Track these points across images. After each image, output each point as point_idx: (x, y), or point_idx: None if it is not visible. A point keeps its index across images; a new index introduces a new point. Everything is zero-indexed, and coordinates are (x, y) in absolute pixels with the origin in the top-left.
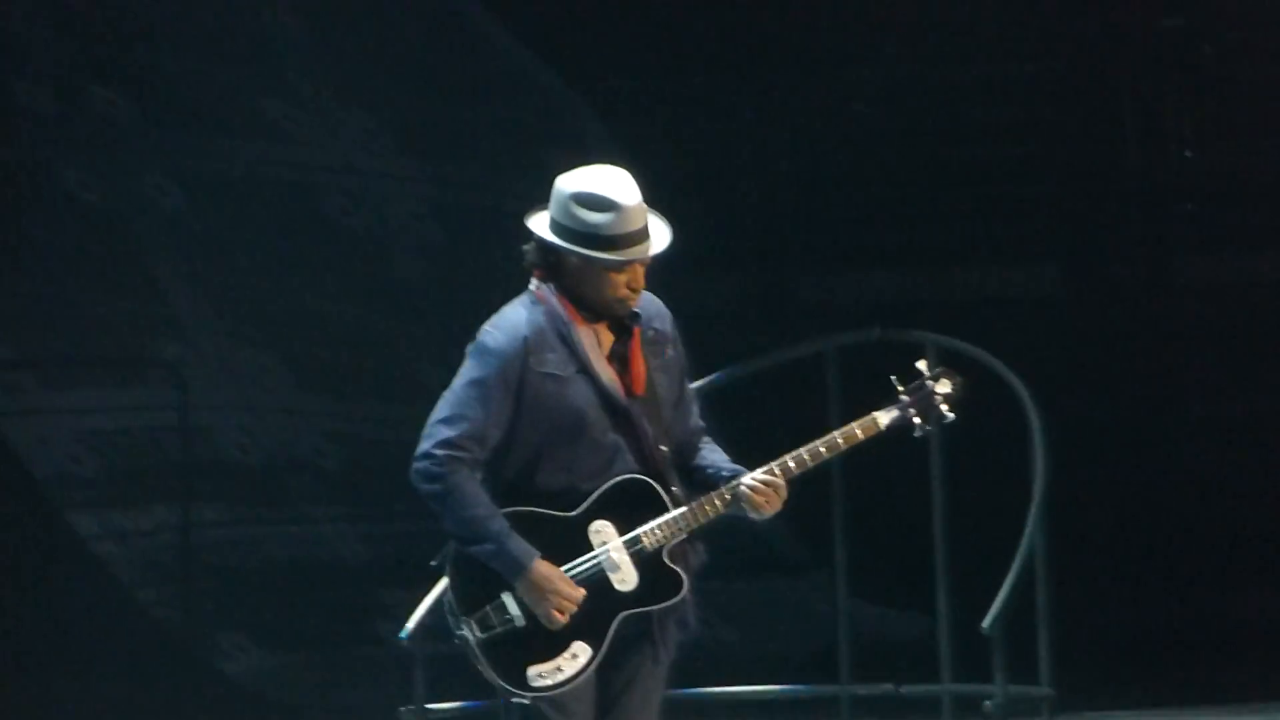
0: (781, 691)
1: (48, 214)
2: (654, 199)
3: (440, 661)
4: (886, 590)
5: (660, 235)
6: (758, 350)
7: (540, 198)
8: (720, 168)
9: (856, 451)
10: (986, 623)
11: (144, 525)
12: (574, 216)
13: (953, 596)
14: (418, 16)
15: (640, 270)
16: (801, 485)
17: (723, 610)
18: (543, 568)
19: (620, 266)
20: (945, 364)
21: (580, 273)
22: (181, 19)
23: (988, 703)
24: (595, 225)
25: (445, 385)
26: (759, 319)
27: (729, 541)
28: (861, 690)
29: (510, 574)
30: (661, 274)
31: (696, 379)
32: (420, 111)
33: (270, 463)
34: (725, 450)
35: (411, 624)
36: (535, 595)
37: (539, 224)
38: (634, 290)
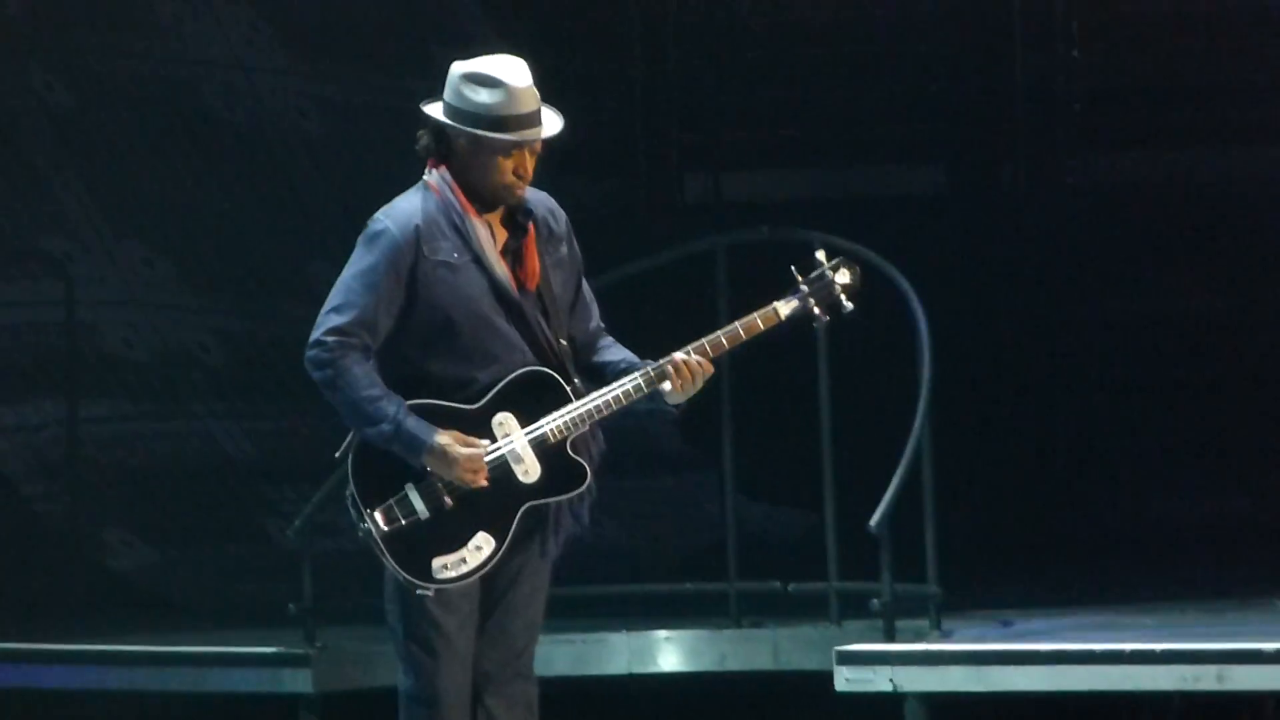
0: (669, 589)
1: None
2: (541, 96)
3: (327, 558)
4: (773, 488)
5: (551, 123)
6: (646, 249)
7: (426, 93)
8: (608, 65)
9: (748, 346)
10: (873, 521)
11: (30, 420)
12: (463, 96)
13: (840, 495)
14: None
15: (528, 159)
16: None
17: (610, 508)
18: (443, 436)
19: (508, 149)
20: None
21: (469, 155)
22: None
23: (875, 601)
24: (484, 105)
25: (329, 282)
26: (646, 218)
27: (616, 440)
28: (749, 587)
29: (411, 451)
30: (551, 172)
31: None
32: (303, 6)
33: (156, 359)
34: None
35: (299, 521)
36: (443, 465)
37: (434, 110)
38: (520, 178)
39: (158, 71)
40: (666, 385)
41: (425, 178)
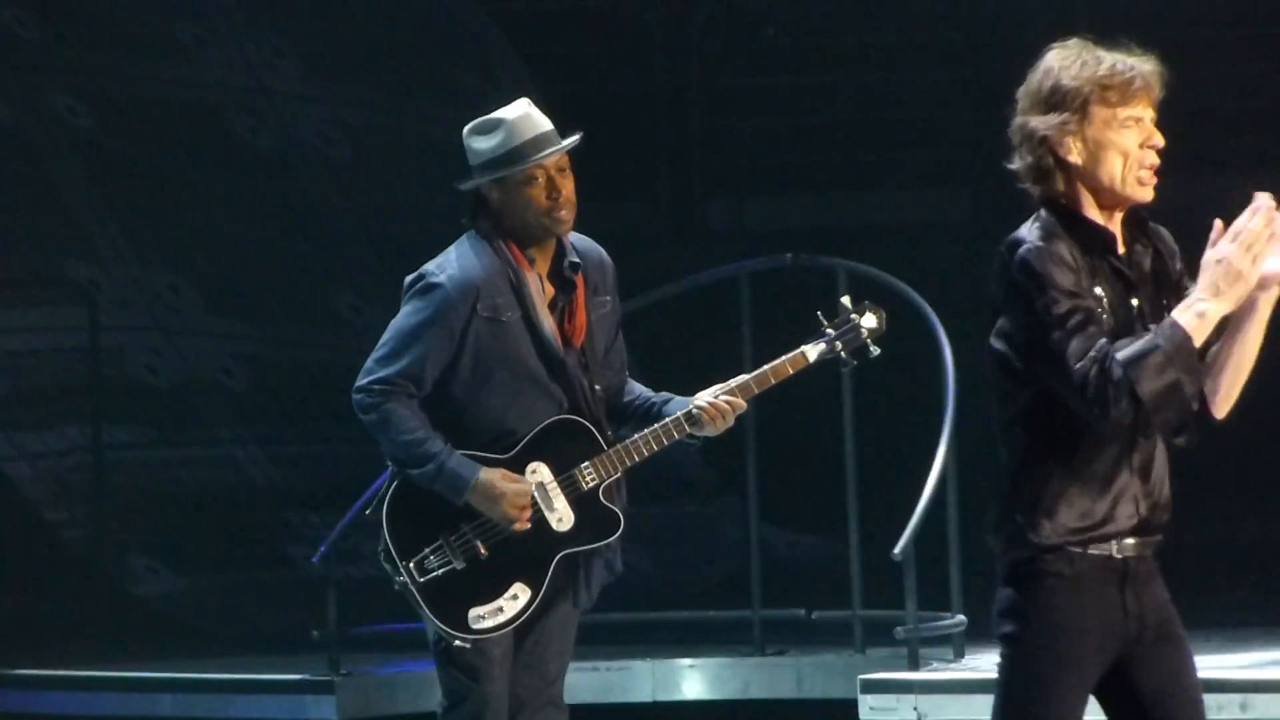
0: (693, 616)
1: None
2: (562, 121)
3: (351, 585)
4: (797, 516)
5: (567, 138)
6: (669, 275)
7: (453, 119)
8: (631, 90)
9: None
10: (897, 549)
11: (54, 446)
12: (474, 152)
13: (864, 523)
14: None
15: (558, 179)
16: None
17: (635, 536)
18: (487, 473)
19: (529, 177)
20: (856, 289)
21: (503, 204)
22: None
23: (899, 629)
24: (490, 149)
25: (352, 307)
26: (670, 244)
27: (639, 467)
28: (773, 615)
29: (454, 490)
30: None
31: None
32: (327, 32)
33: (180, 384)
34: (641, 378)
35: (323, 548)
36: (487, 501)
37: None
38: (556, 200)
39: (180, 95)
40: (699, 429)
41: (475, 230)
